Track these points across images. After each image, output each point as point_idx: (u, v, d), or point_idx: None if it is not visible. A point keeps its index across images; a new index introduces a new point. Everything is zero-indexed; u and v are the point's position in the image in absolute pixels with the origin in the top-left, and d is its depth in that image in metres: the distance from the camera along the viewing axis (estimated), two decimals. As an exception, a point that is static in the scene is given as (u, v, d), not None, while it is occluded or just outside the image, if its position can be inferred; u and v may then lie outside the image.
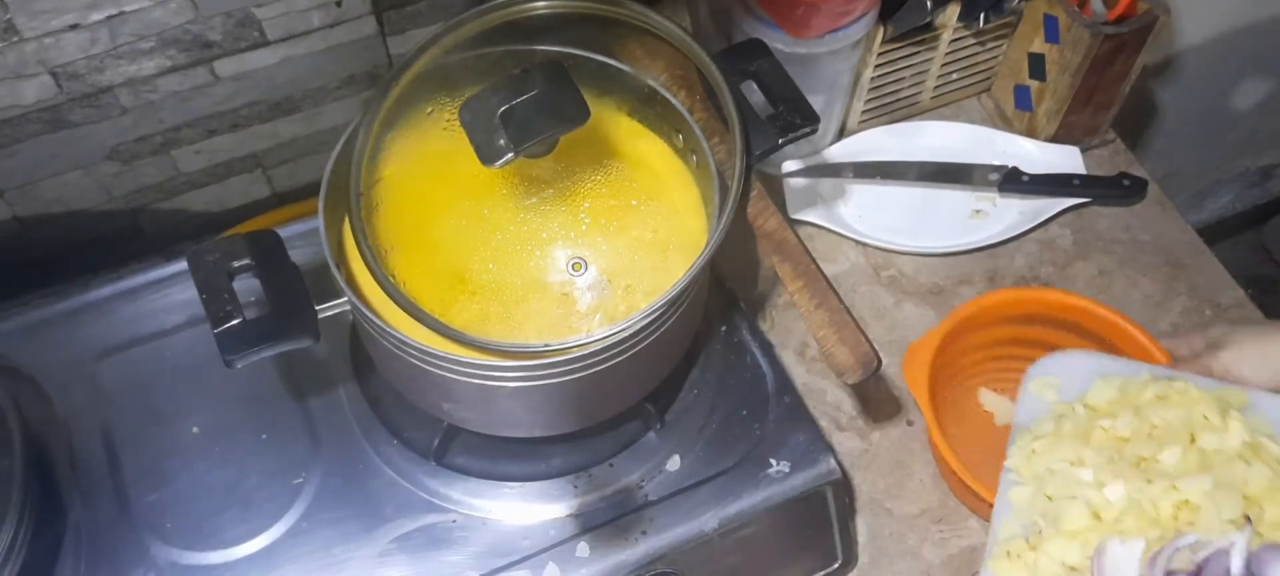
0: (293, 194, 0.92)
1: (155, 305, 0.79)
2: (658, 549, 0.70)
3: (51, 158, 0.79)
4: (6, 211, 0.82)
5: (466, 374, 0.62)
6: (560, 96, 0.60)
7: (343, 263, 0.66)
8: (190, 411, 0.75)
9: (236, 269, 0.62)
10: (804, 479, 0.72)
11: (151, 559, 0.69)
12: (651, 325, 0.62)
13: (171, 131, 0.82)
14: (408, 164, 0.68)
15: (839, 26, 0.87)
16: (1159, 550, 0.64)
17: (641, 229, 0.67)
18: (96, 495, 0.71)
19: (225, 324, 0.60)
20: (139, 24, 0.73)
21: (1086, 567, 0.66)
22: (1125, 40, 0.92)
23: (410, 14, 0.81)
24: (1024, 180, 0.96)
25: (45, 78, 0.73)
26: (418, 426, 0.74)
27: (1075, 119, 0.99)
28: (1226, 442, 0.68)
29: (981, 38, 1.00)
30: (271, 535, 0.70)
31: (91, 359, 0.77)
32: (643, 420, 0.75)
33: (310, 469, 0.73)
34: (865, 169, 0.98)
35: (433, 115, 0.69)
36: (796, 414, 0.75)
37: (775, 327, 0.91)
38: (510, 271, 0.65)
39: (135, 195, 0.85)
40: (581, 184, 0.67)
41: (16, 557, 0.65)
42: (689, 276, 0.61)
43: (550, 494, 0.72)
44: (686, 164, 0.71)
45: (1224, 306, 0.93)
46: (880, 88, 0.99)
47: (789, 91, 0.69)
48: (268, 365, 0.76)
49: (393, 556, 0.69)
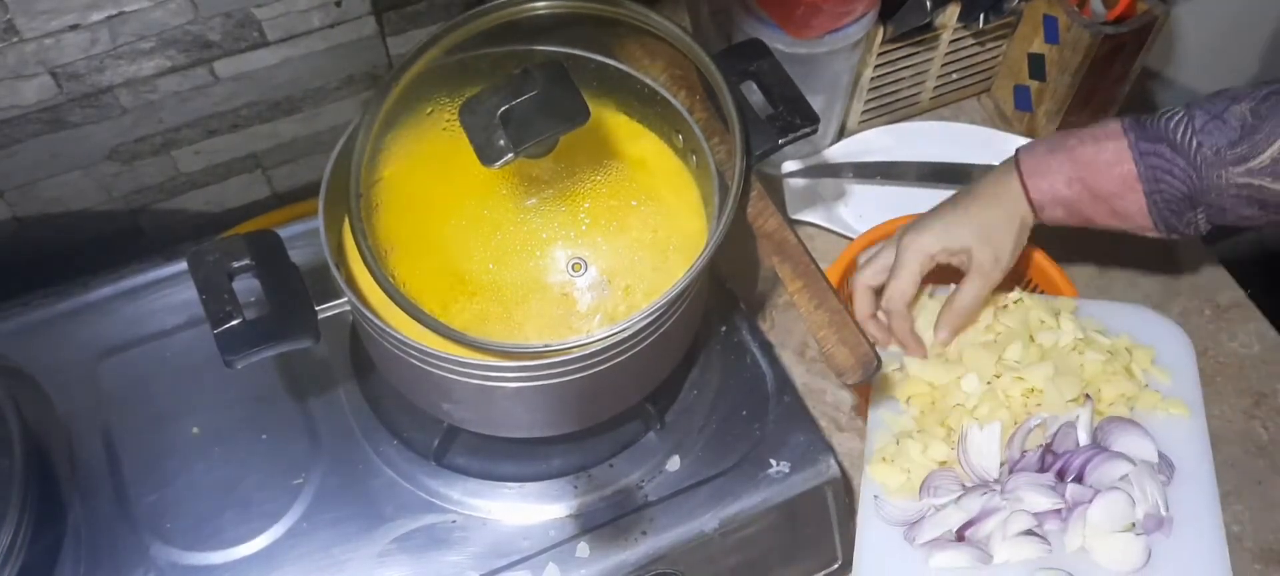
0: (293, 194, 0.92)
1: (155, 305, 0.79)
2: (658, 549, 0.70)
3: (51, 158, 0.79)
4: (6, 211, 0.82)
5: (466, 374, 0.62)
6: (560, 96, 0.60)
7: (343, 263, 0.66)
8: (190, 411, 0.75)
9: (236, 269, 0.62)
10: (804, 479, 0.72)
11: (151, 559, 0.69)
12: (651, 325, 0.62)
13: (171, 131, 0.82)
14: (408, 164, 0.68)
15: (839, 27, 0.88)
16: (1014, 431, 0.75)
17: (641, 229, 0.67)
18: (96, 495, 0.71)
19: (225, 324, 0.60)
20: (139, 24, 0.73)
21: (954, 458, 0.75)
22: (1125, 40, 0.92)
23: (410, 14, 0.81)
24: None
25: (45, 78, 0.74)
26: (418, 426, 0.74)
27: (1075, 119, 0.99)
28: (1061, 338, 0.79)
29: (981, 38, 1.00)
30: (271, 535, 0.70)
31: (91, 359, 0.77)
32: (643, 420, 0.75)
33: (310, 469, 0.73)
34: (865, 169, 0.98)
35: (433, 115, 0.69)
36: (796, 414, 0.75)
37: (775, 327, 0.91)
38: (510, 272, 0.65)
39: (135, 195, 0.85)
40: (581, 184, 0.67)
41: (16, 557, 0.65)
42: (689, 276, 0.61)
43: (550, 494, 0.72)
44: (686, 164, 0.71)
45: (1224, 306, 0.93)
46: (880, 88, 0.99)
47: (789, 92, 0.69)
48: (268, 365, 0.76)
49: (393, 556, 0.69)
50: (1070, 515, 0.71)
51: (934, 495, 0.74)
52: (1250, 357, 0.90)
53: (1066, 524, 0.71)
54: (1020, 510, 0.71)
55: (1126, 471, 0.72)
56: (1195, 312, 0.92)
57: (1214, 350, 0.90)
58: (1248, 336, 0.91)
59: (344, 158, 0.64)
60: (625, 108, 0.72)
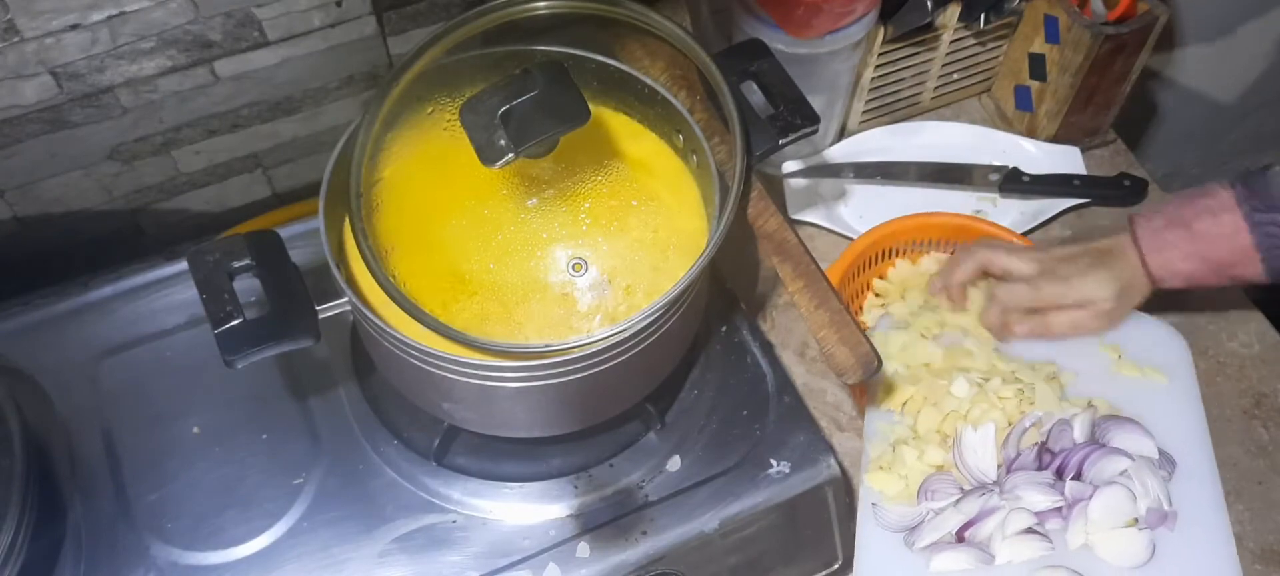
0: (293, 194, 0.92)
1: (155, 305, 0.79)
2: (658, 549, 0.70)
3: (52, 158, 0.79)
4: (6, 211, 0.82)
5: (466, 374, 0.62)
6: (560, 96, 0.60)
7: (343, 262, 0.66)
8: (190, 411, 0.75)
9: (237, 269, 0.62)
10: (804, 479, 0.72)
11: (151, 559, 0.69)
12: (651, 325, 0.62)
13: (172, 131, 0.82)
14: (408, 164, 0.68)
15: (839, 27, 0.88)
16: (1009, 431, 0.76)
17: (642, 229, 0.67)
18: (97, 495, 0.71)
19: (225, 324, 0.60)
20: (139, 24, 0.73)
21: (950, 462, 0.76)
22: (1125, 40, 0.92)
23: (410, 14, 0.81)
24: (1025, 181, 0.96)
25: (46, 78, 0.74)
26: (418, 426, 0.74)
27: (1075, 119, 0.99)
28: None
29: (982, 38, 1.00)
30: (272, 535, 0.70)
31: (92, 359, 0.77)
32: (643, 420, 0.75)
33: (310, 469, 0.73)
34: (866, 169, 0.98)
35: (433, 115, 0.69)
36: (797, 414, 0.75)
37: (775, 327, 0.91)
38: (510, 272, 0.65)
39: (135, 195, 0.85)
40: (582, 184, 0.67)
41: (17, 557, 0.65)
42: (689, 277, 0.61)
43: (550, 494, 0.72)
44: (686, 164, 0.71)
45: (1224, 307, 0.93)
46: (881, 88, 0.99)
47: (789, 92, 0.69)
48: (268, 365, 0.76)
49: (393, 556, 0.69)
50: (1071, 512, 0.71)
51: (932, 499, 0.74)
52: (1250, 357, 0.90)
53: (1068, 521, 0.71)
54: (1020, 509, 0.71)
55: (1126, 466, 0.72)
56: (1195, 312, 0.92)
57: (1214, 350, 0.90)
58: (1248, 336, 0.91)
59: (344, 158, 0.64)
60: (625, 108, 0.72)
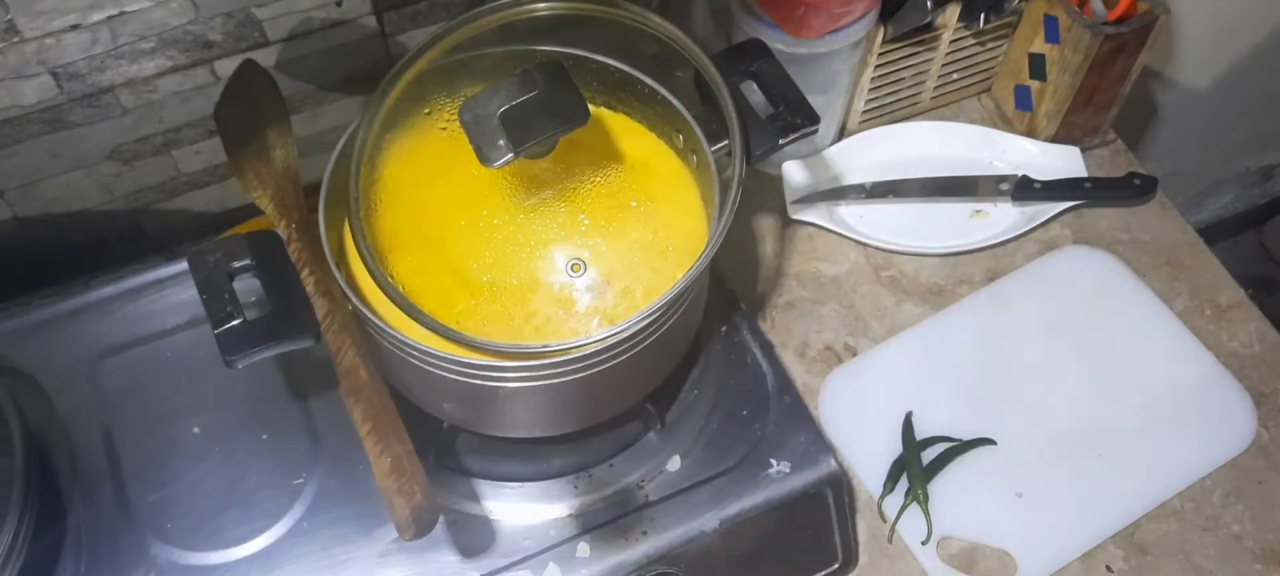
0: (293, 194, 0.92)
1: (156, 305, 0.79)
2: (658, 549, 0.70)
3: (52, 158, 0.79)
4: (7, 211, 0.82)
5: (466, 374, 0.62)
6: (560, 97, 0.60)
7: (343, 263, 0.66)
8: (190, 411, 0.75)
9: (237, 269, 0.62)
10: (804, 479, 0.72)
11: (152, 559, 0.69)
12: (651, 326, 0.62)
13: (172, 131, 0.82)
14: (408, 164, 0.68)
15: (839, 26, 0.87)
16: None
17: (641, 230, 0.67)
18: (97, 495, 0.71)
19: (226, 324, 0.60)
20: (140, 24, 0.73)
21: None
22: (1125, 40, 0.92)
23: (410, 14, 0.81)
24: (1036, 188, 0.96)
25: (46, 78, 0.74)
26: (418, 426, 0.74)
27: (1076, 119, 0.99)
28: None
29: (982, 38, 1.00)
30: (272, 535, 0.70)
31: (92, 359, 0.77)
32: (643, 420, 0.75)
33: (310, 469, 0.73)
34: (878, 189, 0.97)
35: (432, 116, 0.69)
36: (797, 414, 0.75)
37: (775, 327, 0.91)
38: (510, 272, 0.65)
39: (136, 195, 0.85)
40: (581, 185, 0.67)
41: (17, 557, 0.65)
42: (689, 277, 0.61)
43: (550, 494, 0.72)
44: (686, 164, 0.71)
45: (1224, 307, 0.93)
46: (880, 88, 0.99)
47: (789, 91, 0.69)
48: (268, 365, 0.76)
49: (393, 556, 0.69)
50: None
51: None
52: (1250, 357, 0.90)
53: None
54: None
55: None
56: (1195, 312, 0.92)
57: (1214, 350, 0.90)
58: (1248, 336, 0.91)
59: (344, 158, 0.65)
60: (625, 108, 0.72)
